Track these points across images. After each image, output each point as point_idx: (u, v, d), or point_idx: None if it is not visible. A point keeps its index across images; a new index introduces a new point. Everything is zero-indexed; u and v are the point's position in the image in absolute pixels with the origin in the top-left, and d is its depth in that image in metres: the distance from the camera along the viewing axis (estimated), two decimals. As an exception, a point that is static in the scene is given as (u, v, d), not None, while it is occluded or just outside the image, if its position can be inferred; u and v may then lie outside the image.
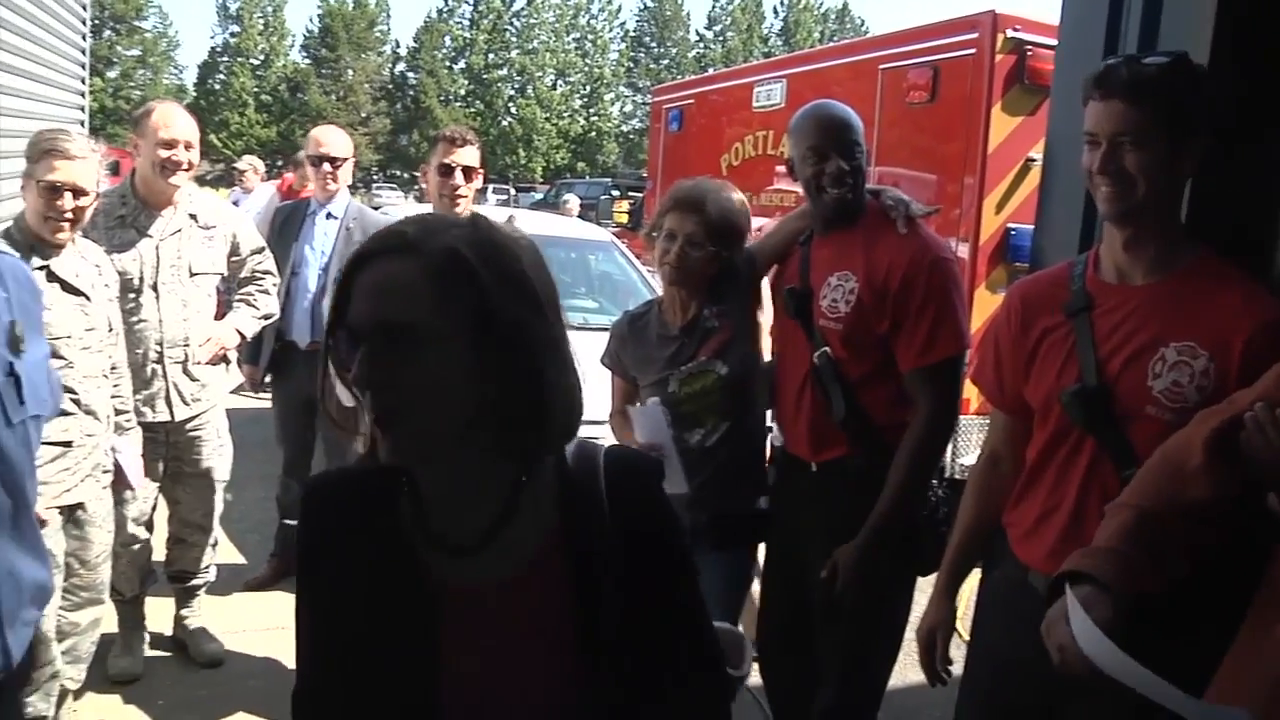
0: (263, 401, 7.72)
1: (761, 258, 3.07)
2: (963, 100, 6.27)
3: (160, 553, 4.19)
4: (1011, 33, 6.01)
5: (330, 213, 4.82)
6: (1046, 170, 2.65)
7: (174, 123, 3.74)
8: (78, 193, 3.09)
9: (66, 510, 3.18)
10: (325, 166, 4.80)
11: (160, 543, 4.17)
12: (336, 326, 1.22)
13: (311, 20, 75.90)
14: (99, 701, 3.65)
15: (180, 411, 3.86)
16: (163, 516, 4.13)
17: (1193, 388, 1.87)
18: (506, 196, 36.06)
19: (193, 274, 3.86)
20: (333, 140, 4.87)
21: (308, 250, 4.76)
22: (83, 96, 7.34)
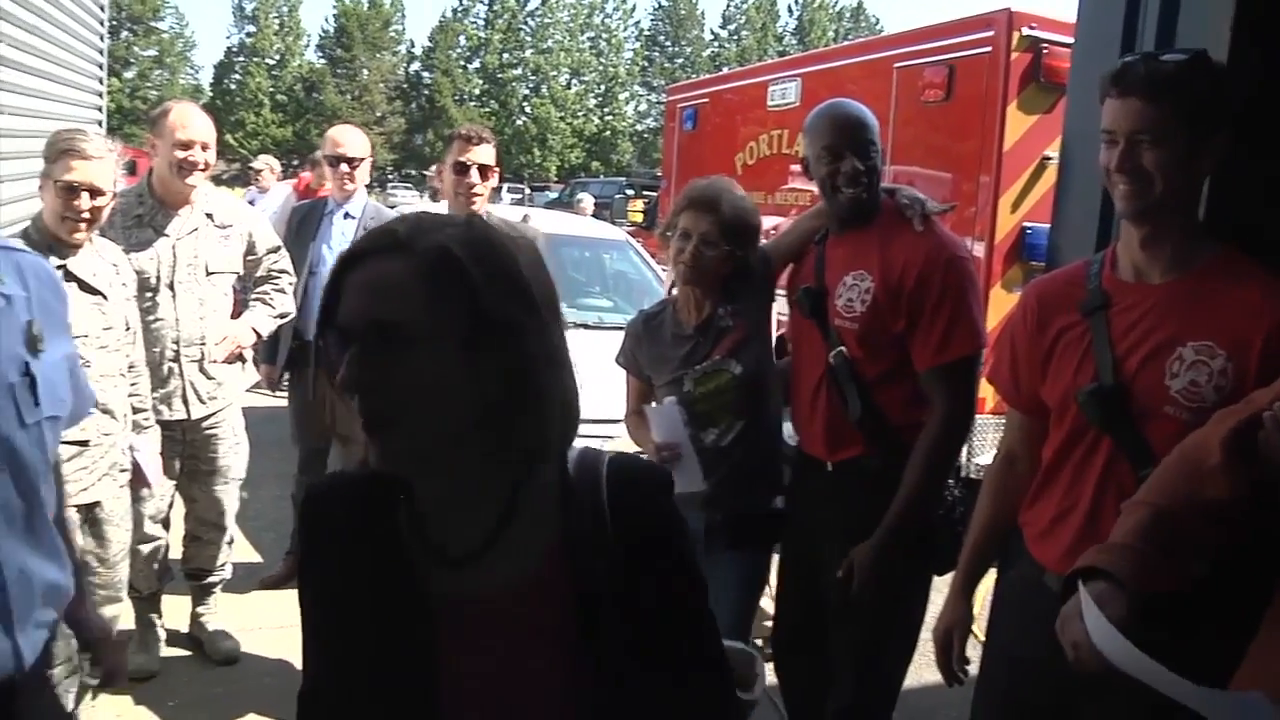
0: (278, 400, 7.74)
1: (776, 257, 3.07)
2: (978, 98, 6.23)
3: (177, 550, 4.22)
4: (1027, 30, 5.97)
5: (348, 212, 4.82)
6: (1063, 168, 2.63)
7: (191, 123, 3.75)
8: (95, 192, 3.10)
9: (84, 509, 3.20)
10: (343, 167, 4.80)
11: (177, 541, 4.19)
12: (326, 327, 1.19)
13: (327, 20, 76.09)
14: (116, 698, 3.67)
15: (196, 410, 3.88)
16: (179, 514, 4.15)
17: (1210, 387, 1.86)
18: (521, 196, 36.05)
19: (209, 273, 3.87)
20: (350, 140, 4.87)
21: (325, 249, 4.77)
22: (100, 97, 7.38)
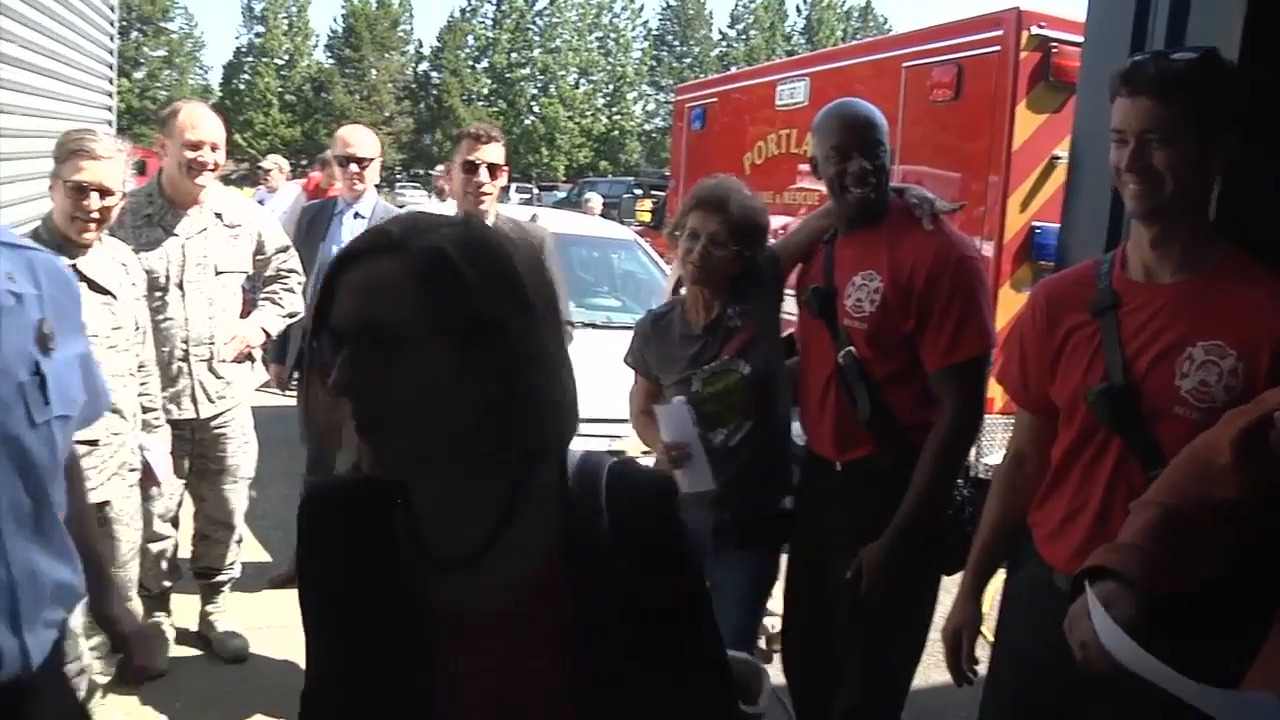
0: (287, 399, 7.79)
1: (785, 257, 3.07)
2: (987, 98, 6.23)
3: (186, 549, 4.23)
4: (1036, 30, 5.96)
5: (358, 212, 4.82)
6: (1073, 168, 2.63)
7: (200, 124, 3.76)
8: (104, 193, 3.11)
9: (93, 508, 3.21)
10: (352, 167, 4.80)
11: (186, 539, 4.20)
12: (319, 329, 1.17)
13: (335, 20, 76.20)
14: (126, 696, 3.68)
15: (205, 409, 3.89)
16: (188, 513, 4.16)
17: (1221, 387, 1.85)
18: (529, 195, 36.06)
19: (218, 272, 3.88)
20: (360, 140, 4.87)
21: (335, 249, 4.74)
22: (110, 97, 7.41)
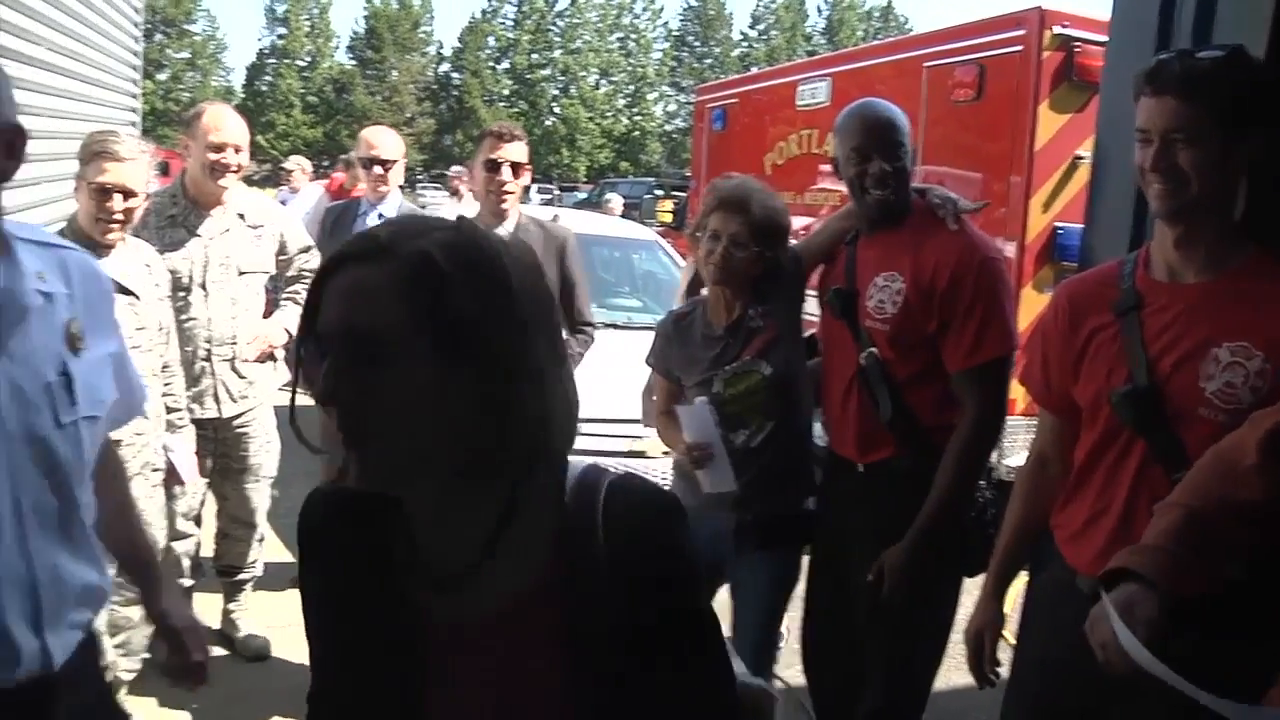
0: (309, 399, 7.82)
1: (807, 257, 3.06)
2: (1009, 98, 6.19)
3: (208, 548, 4.25)
4: (1059, 29, 5.92)
5: (381, 213, 4.81)
6: (1097, 168, 2.61)
7: (224, 125, 3.78)
8: (127, 194, 3.13)
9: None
10: (376, 169, 4.81)
11: (209, 538, 4.23)
12: (306, 334, 1.14)
13: (357, 22, 76.52)
14: (150, 692, 3.70)
15: (228, 408, 3.91)
16: (211, 512, 4.18)
17: (1246, 389, 1.83)
18: (550, 196, 36.09)
19: (241, 273, 3.90)
20: (384, 142, 4.87)
21: None
22: (135, 99, 7.46)
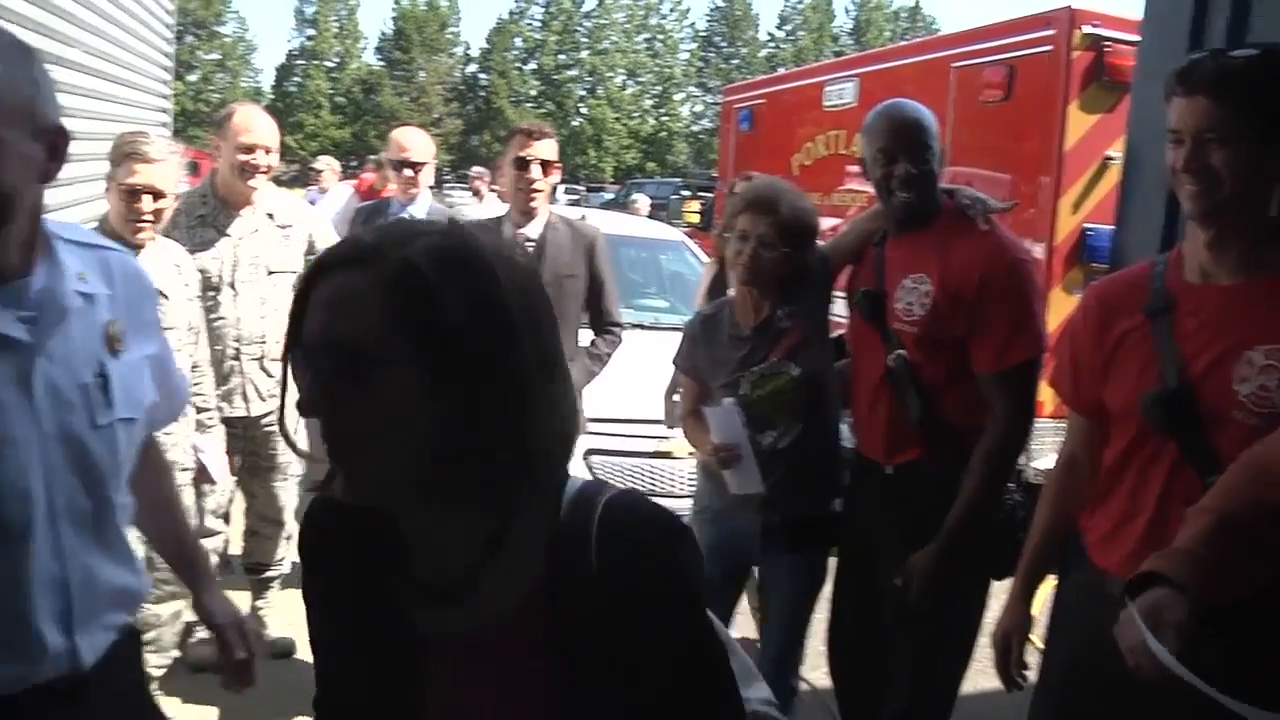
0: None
1: (835, 258, 3.06)
2: (1038, 98, 6.16)
3: (236, 545, 4.29)
4: (1089, 29, 5.88)
5: (412, 214, 4.83)
6: (1128, 168, 2.60)
7: (254, 127, 3.80)
8: (156, 195, 3.16)
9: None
10: (406, 171, 4.81)
11: (237, 535, 4.26)
12: (292, 343, 1.10)
13: (385, 23, 76.89)
14: (178, 687, 3.74)
15: (256, 407, 3.94)
16: (239, 509, 4.22)
17: (1281, 392, 1.82)
18: (578, 196, 36.13)
19: (270, 272, 3.93)
20: (415, 144, 4.86)
21: None
22: (167, 100, 7.53)
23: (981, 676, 3.02)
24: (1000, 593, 2.50)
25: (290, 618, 4.40)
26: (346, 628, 1.24)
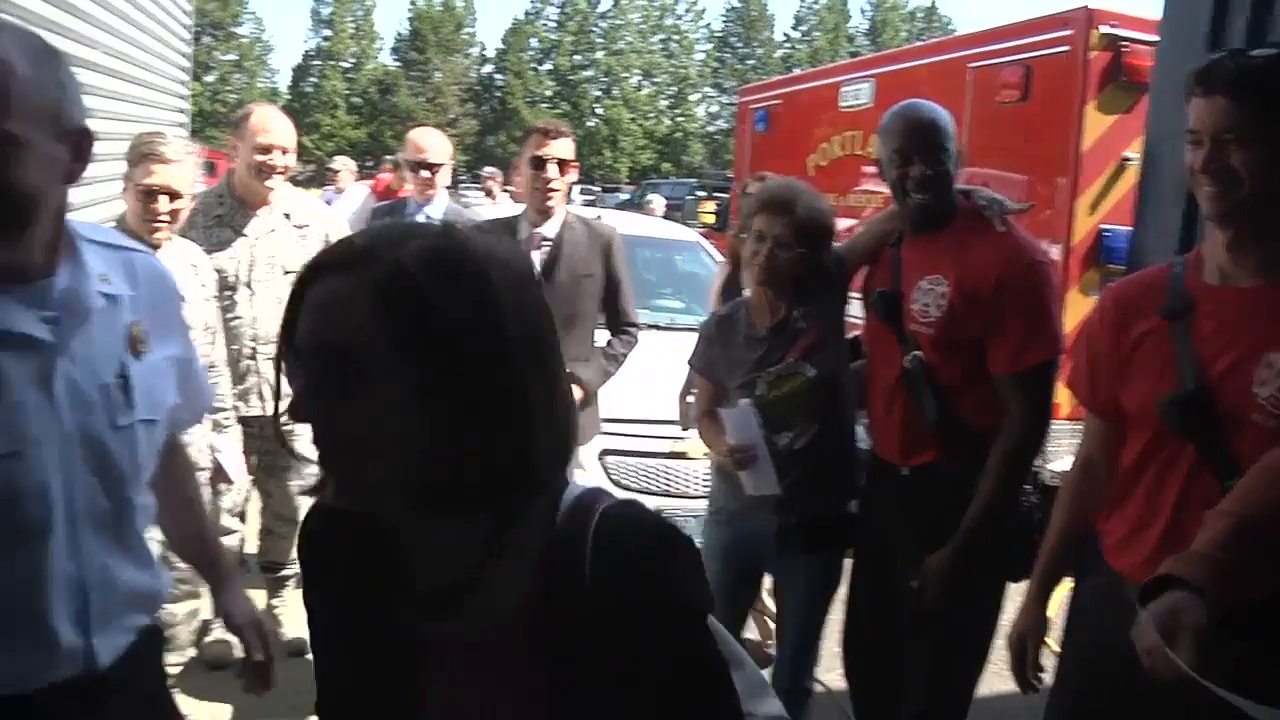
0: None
1: (851, 258, 3.05)
2: (1056, 99, 6.13)
3: (252, 544, 4.30)
4: (1106, 29, 5.85)
5: (429, 214, 4.84)
6: (1146, 169, 2.59)
7: (272, 127, 3.82)
8: (173, 195, 3.18)
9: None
10: (424, 173, 4.80)
11: (253, 534, 4.28)
12: (285, 348, 1.09)
13: (401, 23, 77.09)
14: (194, 685, 3.75)
15: (273, 406, 3.93)
16: (255, 508, 4.23)
17: (1301, 395, 1.80)
18: (593, 197, 36.15)
19: (286, 272, 3.94)
20: (433, 146, 4.86)
21: None
22: (185, 100, 7.57)
23: (997, 679, 3.01)
24: (1016, 595, 2.50)
25: (306, 616, 4.41)
26: (346, 632, 1.23)
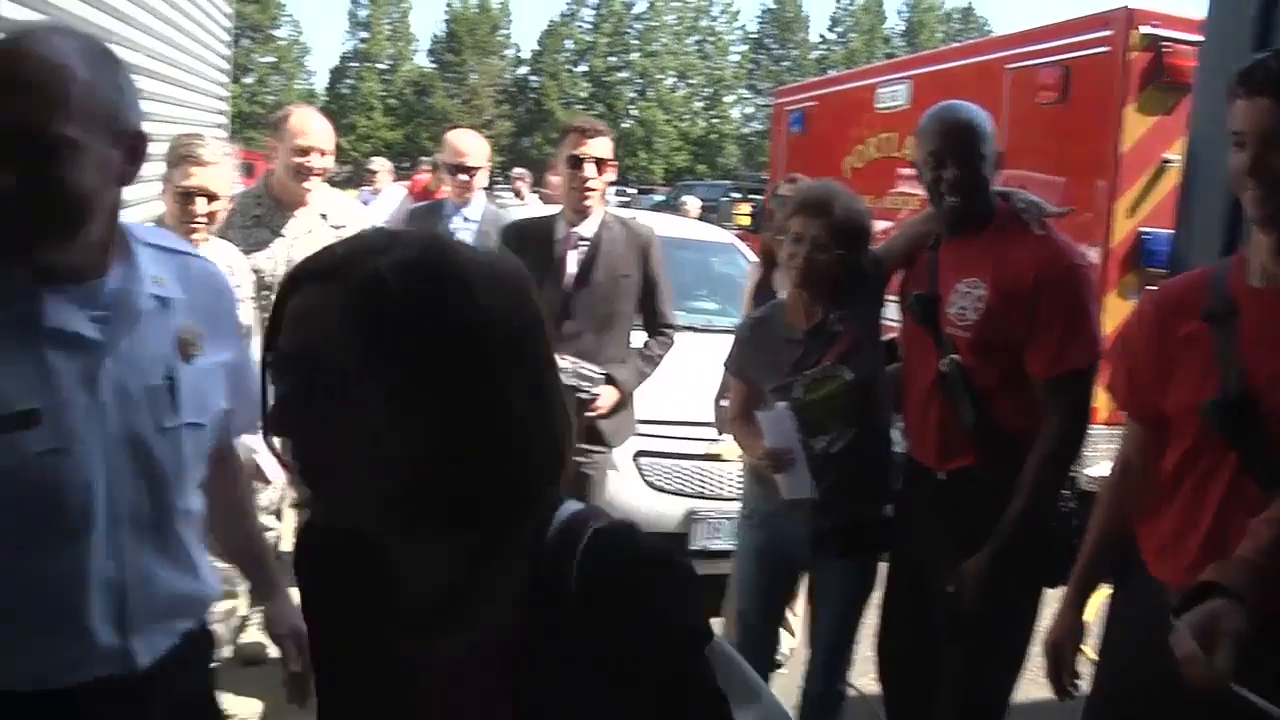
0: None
1: (888, 260, 3.03)
2: (1095, 100, 6.07)
3: (288, 542, 4.34)
4: (1147, 29, 5.78)
5: (466, 216, 4.85)
6: (1189, 172, 2.56)
7: (310, 129, 3.84)
8: (210, 197, 3.21)
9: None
10: (461, 176, 4.82)
11: (289, 532, 4.31)
12: (267, 359, 1.07)
13: (437, 25, 77.52)
14: (229, 680, 3.78)
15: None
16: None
17: (1347, 400, 1.78)
18: (628, 199, 36.16)
19: (323, 272, 3.97)
20: (471, 149, 4.87)
21: None
22: (224, 102, 7.66)
23: (1033, 685, 2.99)
24: (1053, 600, 2.47)
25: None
26: (338, 646, 1.23)
